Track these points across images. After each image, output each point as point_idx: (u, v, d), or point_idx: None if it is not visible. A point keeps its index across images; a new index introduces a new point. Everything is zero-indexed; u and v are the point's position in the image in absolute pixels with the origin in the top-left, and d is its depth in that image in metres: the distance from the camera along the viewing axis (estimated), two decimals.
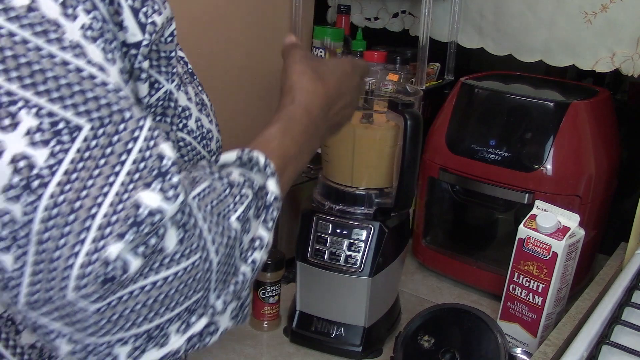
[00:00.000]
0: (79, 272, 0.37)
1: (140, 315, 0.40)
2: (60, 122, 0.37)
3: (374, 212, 0.90)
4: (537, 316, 0.89)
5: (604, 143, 1.01)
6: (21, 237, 0.37)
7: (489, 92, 1.07)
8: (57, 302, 0.38)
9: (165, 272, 0.40)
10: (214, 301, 0.45)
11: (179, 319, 0.43)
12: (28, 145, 0.36)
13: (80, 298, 0.37)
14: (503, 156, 1.00)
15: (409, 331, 0.83)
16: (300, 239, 0.91)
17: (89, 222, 0.37)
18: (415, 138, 0.83)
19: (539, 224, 0.86)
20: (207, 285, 0.43)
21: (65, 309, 0.38)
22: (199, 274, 0.42)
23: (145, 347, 0.41)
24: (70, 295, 0.37)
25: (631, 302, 0.74)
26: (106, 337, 0.40)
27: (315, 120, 0.62)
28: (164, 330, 0.42)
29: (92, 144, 0.38)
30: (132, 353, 0.41)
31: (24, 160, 0.36)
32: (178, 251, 0.40)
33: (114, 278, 0.37)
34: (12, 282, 0.38)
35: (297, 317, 0.94)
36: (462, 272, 1.12)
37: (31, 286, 0.37)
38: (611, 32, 1.08)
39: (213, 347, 0.91)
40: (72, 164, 0.37)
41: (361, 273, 0.88)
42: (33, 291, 0.38)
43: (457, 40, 1.29)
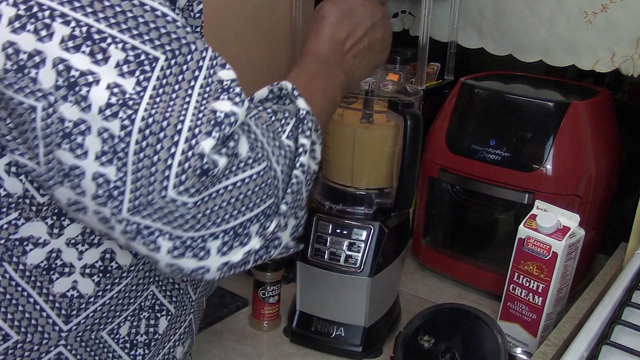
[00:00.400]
0: (178, 169, 0.43)
1: (227, 212, 0.47)
2: (141, 54, 0.44)
3: (374, 212, 0.90)
4: (537, 316, 0.89)
5: (604, 143, 1.01)
6: (121, 150, 0.43)
7: (489, 92, 1.07)
8: (157, 203, 0.44)
9: (243, 174, 0.47)
10: (284, 207, 0.51)
11: (258, 221, 0.49)
12: (118, 75, 0.43)
13: (179, 194, 0.44)
14: (503, 156, 1.00)
15: (409, 331, 0.83)
16: (300, 239, 0.91)
17: (179, 126, 0.43)
18: (415, 138, 0.83)
19: (539, 224, 0.86)
20: (276, 192, 0.50)
21: (164, 209, 0.44)
22: (269, 180, 0.49)
23: (232, 243, 0.48)
24: (170, 193, 0.43)
25: (631, 302, 0.74)
26: (201, 232, 0.46)
27: (328, 61, 0.65)
28: (247, 229, 0.49)
29: (167, 72, 0.44)
30: (221, 248, 0.47)
31: (117, 87, 0.43)
32: (250, 157, 0.48)
33: (208, 171, 0.44)
34: (116, 191, 0.44)
35: (297, 317, 0.94)
36: (462, 272, 1.12)
37: (133, 192, 0.43)
38: (611, 32, 1.08)
39: (213, 347, 0.91)
40: (154, 90, 0.44)
41: (361, 273, 0.88)
42: (135, 197, 0.44)
43: (457, 40, 1.28)
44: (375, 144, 0.89)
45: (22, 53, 0.42)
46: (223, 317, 0.99)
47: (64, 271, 0.52)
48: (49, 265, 0.52)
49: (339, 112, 0.88)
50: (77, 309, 0.53)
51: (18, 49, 0.42)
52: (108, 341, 0.56)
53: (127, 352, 0.58)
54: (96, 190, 0.44)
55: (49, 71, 0.42)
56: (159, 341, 0.60)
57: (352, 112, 0.89)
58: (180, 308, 0.63)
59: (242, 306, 1.02)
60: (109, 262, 0.54)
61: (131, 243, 0.47)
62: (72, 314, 0.53)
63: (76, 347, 0.55)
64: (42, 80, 0.42)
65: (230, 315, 1.00)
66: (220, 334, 0.95)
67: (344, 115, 0.89)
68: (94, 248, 0.53)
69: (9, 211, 0.50)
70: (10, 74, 0.43)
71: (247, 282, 1.03)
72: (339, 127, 0.89)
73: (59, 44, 0.42)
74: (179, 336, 0.65)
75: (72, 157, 0.44)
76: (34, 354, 0.53)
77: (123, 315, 0.57)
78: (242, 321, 0.99)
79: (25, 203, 0.50)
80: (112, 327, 0.56)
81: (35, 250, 0.51)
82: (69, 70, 0.42)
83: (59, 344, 0.54)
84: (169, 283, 0.60)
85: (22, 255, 0.51)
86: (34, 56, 0.42)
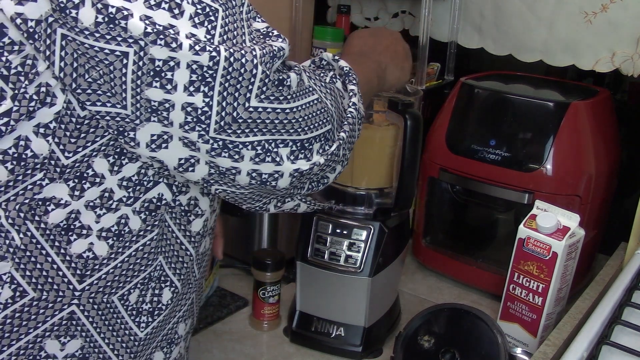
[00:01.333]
0: (260, 83, 0.52)
1: (299, 125, 0.56)
2: (206, 7, 0.50)
3: (374, 212, 0.90)
4: (537, 316, 0.89)
5: (604, 143, 1.01)
6: (209, 76, 0.50)
7: (489, 92, 1.07)
8: (242, 116, 0.52)
9: (306, 98, 0.57)
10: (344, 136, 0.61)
11: (319, 141, 0.58)
12: (192, 26, 0.49)
13: (261, 102, 0.52)
14: (503, 156, 1.00)
15: (409, 331, 0.83)
16: (300, 239, 0.91)
17: (255, 52, 0.51)
18: (415, 138, 0.83)
19: (539, 224, 0.86)
20: (331, 120, 0.60)
21: (248, 120, 0.52)
22: (324, 108, 0.59)
23: (298, 154, 0.57)
24: (253, 102, 0.52)
25: (631, 302, 0.74)
26: (276, 136, 0.55)
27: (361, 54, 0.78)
28: (312, 145, 0.58)
29: (225, 21, 0.51)
30: (289, 156, 0.56)
31: (193, 37, 0.49)
32: (309, 86, 0.58)
33: (284, 81, 0.54)
34: (203, 116, 0.51)
35: (297, 317, 0.94)
36: (462, 272, 1.12)
37: (219, 113, 0.51)
38: (611, 32, 1.08)
39: (213, 347, 0.91)
40: (220, 36, 0.51)
41: (361, 273, 0.88)
42: (222, 117, 0.51)
43: (457, 40, 1.28)
44: (375, 144, 0.89)
45: (110, 7, 0.47)
46: (223, 317, 0.99)
47: (81, 233, 0.55)
48: (68, 225, 0.54)
49: None
50: (92, 270, 0.56)
51: (106, 4, 0.47)
52: (118, 306, 0.59)
53: (132, 319, 0.61)
54: (185, 118, 0.51)
55: (137, 22, 0.48)
56: (162, 312, 0.63)
57: None
58: (186, 285, 0.66)
59: (242, 306, 1.02)
60: (123, 227, 0.57)
61: (216, 159, 0.54)
62: (86, 274, 0.56)
63: (88, 308, 0.57)
64: (132, 29, 0.48)
65: (230, 315, 1.00)
66: (220, 334, 0.95)
67: None
68: (112, 213, 0.56)
69: (34, 172, 0.52)
70: (102, 26, 0.47)
71: (247, 282, 1.03)
72: None
73: (143, 3, 0.48)
74: (183, 313, 0.67)
75: (163, 93, 0.49)
76: (48, 312, 0.55)
77: (133, 282, 0.59)
78: (242, 321, 0.99)
79: (50, 164, 0.52)
80: (122, 292, 0.59)
81: (56, 211, 0.53)
82: (154, 25, 0.48)
83: (72, 303, 0.56)
84: (175, 256, 0.63)
85: (44, 214, 0.53)
86: (122, 10, 0.47)
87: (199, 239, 0.64)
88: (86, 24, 0.47)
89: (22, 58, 0.49)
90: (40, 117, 0.51)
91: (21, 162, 0.51)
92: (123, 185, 0.55)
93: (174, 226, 0.61)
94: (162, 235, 0.60)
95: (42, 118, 0.51)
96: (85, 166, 0.53)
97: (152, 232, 0.59)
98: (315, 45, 1.31)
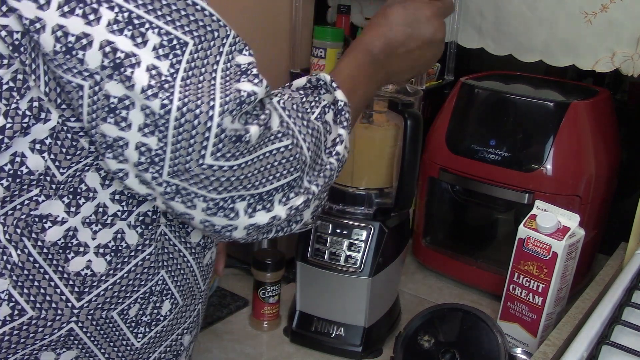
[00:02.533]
0: (215, 139, 0.48)
1: (257, 179, 0.52)
2: (174, 39, 0.48)
3: (374, 212, 0.90)
4: (537, 316, 0.89)
5: (604, 143, 1.01)
6: (162, 124, 0.47)
7: (489, 92, 1.07)
8: (194, 170, 0.49)
9: (272, 145, 0.53)
10: (307, 184, 0.57)
11: (282, 191, 0.55)
12: (155, 57, 0.47)
13: (217, 160, 0.49)
14: (503, 156, 1.00)
15: (409, 331, 0.83)
16: (300, 239, 0.91)
17: (212, 102, 0.48)
18: (415, 138, 0.83)
19: (539, 224, 0.86)
20: (302, 167, 0.55)
21: (200, 175, 0.49)
22: (296, 154, 0.54)
23: (256, 206, 0.54)
24: (207, 160, 0.49)
25: (631, 302, 0.74)
26: (232, 193, 0.51)
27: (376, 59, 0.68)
28: (272, 197, 0.54)
29: (194, 56, 0.49)
30: (247, 210, 0.53)
31: (155, 70, 0.47)
32: (280, 131, 0.53)
33: (242, 137, 0.49)
34: (157, 158, 0.49)
35: (297, 317, 0.94)
36: (462, 272, 1.12)
37: (173, 160, 0.49)
38: (611, 32, 1.08)
39: (213, 347, 0.91)
40: (185, 72, 0.48)
41: (361, 273, 0.88)
42: (175, 163, 0.49)
43: (457, 40, 1.29)
44: (375, 144, 0.89)
45: (70, 36, 0.46)
46: (223, 317, 0.99)
47: (79, 250, 0.54)
48: (66, 243, 0.54)
49: None
50: (90, 287, 0.55)
51: (67, 32, 0.46)
52: (118, 321, 0.58)
53: (131, 330, 0.60)
54: (139, 157, 0.49)
55: (95, 52, 0.46)
56: (160, 323, 0.62)
57: None
58: (190, 297, 0.65)
59: (242, 306, 1.02)
60: (120, 242, 0.56)
61: (170, 202, 0.52)
62: (84, 291, 0.55)
63: (87, 324, 0.56)
64: (89, 61, 0.46)
65: (230, 315, 1.00)
66: (220, 334, 0.95)
67: None
68: (107, 228, 0.55)
69: (30, 188, 0.51)
70: (59, 56, 0.46)
71: (247, 282, 1.03)
72: None
73: (105, 27, 0.46)
74: (188, 325, 0.67)
75: (117, 130, 0.48)
76: (47, 330, 0.55)
77: (133, 297, 0.58)
78: (242, 321, 0.99)
79: (46, 180, 0.52)
80: (122, 307, 0.58)
81: (53, 228, 0.53)
82: (115, 52, 0.46)
83: (70, 321, 0.55)
84: (178, 269, 0.62)
85: (41, 232, 0.52)
86: (82, 39, 0.46)
87: (199, 250, 0.63)
88: (47, 50, 0.46)
89: (13, 73, 0.48)
90: (35, 133, 0.50)
91: (17, 179, 0.50)
92: (116, 199, 0.54)
93: (174, 239, 0.60)
94: (164, 249, 0.59)
95: (37, 134, 0.50)
96: (78, 181, 0.53)
97: (151, 246, 0.58)
98: (315, 45, 1.31)
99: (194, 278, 0.65)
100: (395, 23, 0.69)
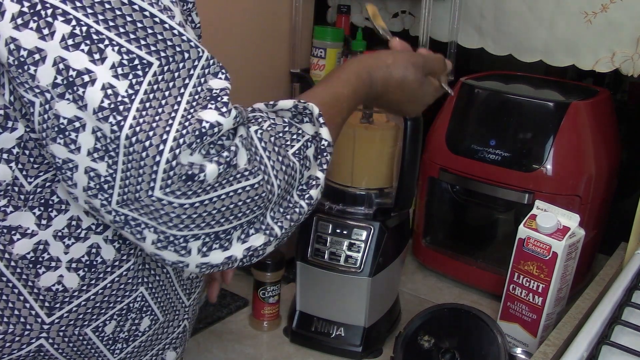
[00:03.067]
0: (164, 175, 0.45)
1: (214, 218, 0.48)
2: (135, 59, 0.45)
3: (374, 212, 0.90)
4: (537, 316, 0.89)
5: (604, 143, 1.01)
6: (112, 150, 0.44)
7: (489, 92, 1.07)
8: (144, 200, 0.46)
9: (237, 185, 0.48)
10: (270, 222, 0.53)
11: (241, 228, 0.51)
12: (113, 76, 0.44)
13: (166, 195, 0.45)
14: (503, 156, 1.00)
15: (409, 331, 0.83)
16: (300, 239, 0.91)
17: (165, 136, 0.44)
18: (415, 138, 0.83)
19: (539, 224, 0.86)
20: (267, 204, 0.51)
21: (150, 207, 0.46)
22: (263, 193, 0.50)
23: (212, 245, 0.50)
24: (157, 194, 0.45)
25: (631, 302, 0.74)
26: (184, 232, 0.48)
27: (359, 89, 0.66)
28: (229, 235, 0.50)
29: (159, 78, 0.46)
30: (201, 249, 0.49)
31: (111, 89, 0.44)
32: (247, 169, 0.49)
33: (194, 176, 0.45)
34: (106, 185, 0.46)
35: (297, 317, 0.94)
36: (462, 272, 1.12)
37: (122, 188, 0.46)
38: (611, 32, 1.08)
39: (213, 347, 0.91)
40: (145, 94, 0.45)
41: (361, 273, 0.87)
42: (124, 192, 0.46)
43: (457, 40, 1.28)
44: (375, 144, 0.89)
45: (22, 50, 0.44)
46: (223, 317, 0.99)
47: (50, 265, 0.52)
48: (36, 258, 0.52)
49: None
50: (61, 302, 0.54)
51: (19, 46, 0.44)
52: (92, 338, 0.57)
53: (107, 348, 0.58)
54: (88, 182, 0.46)
55: (48, 69, 0.44)
56: (138, 339, 0.61)
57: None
58: (172, 313, 0.63)
59: (242, 306, 1.02)
60: (95, 257, 0.54)
61: (120, 231, 0.49)
62: (55, 306, 0.53)
63: (58, 341, 0.55)
64: (40, 78, 0.44)
65: (230, 315, 1.00)
66: (220, 334, 0.95)
67: None
68: (81, 242, 0.53)
69: None
70: (13, 69, 0.44)
71: (247, 282, 1.03)
72: None
73: (59, 42, 0.44)
74: (171, 340, 0.65)
75: (66, 151, 0.45)
76: (15, 345, 0.53)
77: (109, 314, 0.57)
78: (242, 321, 0.99)
79: (14, 191, 0.50)
80: (97, 324, 0.56)
81: (22, 241, 0.51)
82: (68, 69, 0.44)
83: (40, 336, 0.54)
84: (159, 285, 0.60)
85: (9, 244, 0.51)
86: (34, 54, 0.44)
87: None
88: (2, 61, 0.45)
89: None
90: (2, 142, 0.49)
91: None
92: (90, 212, 0.51)
93: None
94: (144, 265, 0.58)
95: (4, 143, 0.49)
96: (49, 192, 0.51)
97: (129, 262, 0.56)
98: (315, 45, 1.31)
99: (175, 294, 0.63)
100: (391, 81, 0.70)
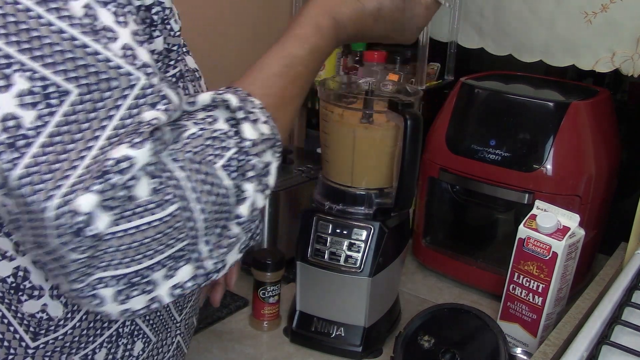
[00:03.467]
0: (54, 223, 0.39)
1: (114, 258, 0.41)
2: (50, 86, 0.39)
3: (374, 212, 0.90)
4: (537, 316, 0.89)
5: (604, 143, 1.01)
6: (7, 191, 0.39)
7: (489, 92, 1.07)
8: (45, 247, 0.40)
9: (139, 220, 0.41)
10: (204, 248, 0.45)
11: (163, 267, 0.43)
12: (18, 106, 0.39)
13: (60, 245, 0.39)
14: (503, 156, 1.00)
15: (409, 331, 0.83)
16: (300, 239, 0.91)
17: (63, 180, 0.39)
18: (415, 138, 0.83)
19: (539, 224, 0.86)
20: (192, 233, 0.44)
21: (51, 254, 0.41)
22: (178, 224, 0.43)
23: (128, 292, 0.43)
24: (53, 242, 0.39)
25: (631, 302, 0.74)
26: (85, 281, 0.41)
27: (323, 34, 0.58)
28: (146, 277, 0.43)
29: (77, 108, 0.40)
30: (116, 297, 0.42)
31: (13, 120, 0.38)
32: (152, 201, 0.41)
33: (82, 230, 0.39)
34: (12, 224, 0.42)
35: (297, 317, 0.94)
36: (462, 272, 1.12)
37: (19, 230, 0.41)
38: (611, 32, 1.08)
39: (213, 347, 0.91)
40: (56, 127, 0.39)
41: (361, 273, 0.87)
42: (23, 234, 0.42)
43: (457, 40, 1.28)
44: (375, 144, 0.89)
45: None
46: (223, 317, 0.99)
47: (33, 294, 0.50)
48: (17, 285, 0.49)
49: (339, 112, 0.88)
50: (46, 330, 0.51)
51: None
52: None
53: None
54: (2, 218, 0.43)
55: None
56: None
57: (352, 112, 0.89)
58: (164, 332, 0.61)
59: (242, 306, 1.02)
60: None
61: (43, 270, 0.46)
62: (40, 332, 0.51)
63: None
64: None
65: (230, 315, 1.00)
66: (220, 334, 0.95)
67: (344, 116, 0.89)
68: None
69: None
70: None
71: (247, 282, 1.03)
72: (339, 127, 0.89)
73: None
74: (168, 358, 0.64)
75: None
76: None
77: (98, 341, 0.54)
78: (242, 321, 0.99)
79: None
80: (85, 352, 0.54)
81: (2, 262, 0.49)
82: None
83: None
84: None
85: None
86: None
87: None
88: None
89: None
90: None
91: None
92: None
93: None
94: None
95: None
96: None
97: None
98: None
99: (166, 310, 0.61)
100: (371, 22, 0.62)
